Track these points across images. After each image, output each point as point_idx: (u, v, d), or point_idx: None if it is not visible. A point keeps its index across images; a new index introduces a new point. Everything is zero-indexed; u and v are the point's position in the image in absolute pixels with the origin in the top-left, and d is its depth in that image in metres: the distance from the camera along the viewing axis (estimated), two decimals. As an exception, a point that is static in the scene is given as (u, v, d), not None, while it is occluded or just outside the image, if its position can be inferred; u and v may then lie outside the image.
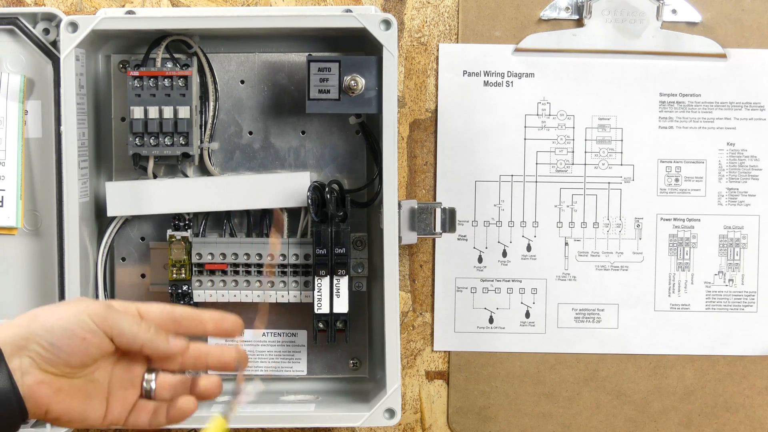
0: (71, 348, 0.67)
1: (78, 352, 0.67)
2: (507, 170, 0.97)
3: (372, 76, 0.88)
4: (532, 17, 0.96)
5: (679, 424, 0.98)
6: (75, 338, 0.67)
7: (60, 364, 0.67)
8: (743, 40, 0.96)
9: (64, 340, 0.66)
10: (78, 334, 0.67)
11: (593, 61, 0.96)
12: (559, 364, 0.98)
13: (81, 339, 0.67)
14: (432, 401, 0.99)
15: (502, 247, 0.98)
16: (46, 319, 0.67)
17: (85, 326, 0.67)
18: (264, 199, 0.93)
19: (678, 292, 0.98)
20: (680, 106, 0.97)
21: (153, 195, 0.92)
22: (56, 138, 0.92)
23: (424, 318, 0.98)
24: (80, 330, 0.67)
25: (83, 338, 0.67)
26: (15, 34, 0.92)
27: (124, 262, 0.96)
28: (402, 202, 0.91)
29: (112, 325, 0.68)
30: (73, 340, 0.67)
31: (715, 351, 0.98)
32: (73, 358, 0.67)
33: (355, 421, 0.89)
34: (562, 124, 0.97)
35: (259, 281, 0.93)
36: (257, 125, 0.95)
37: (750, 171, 0.97)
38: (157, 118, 0.90)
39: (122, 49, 0.94)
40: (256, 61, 0.95)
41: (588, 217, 0.98)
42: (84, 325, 0.67)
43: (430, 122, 0.97)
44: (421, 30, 0.96)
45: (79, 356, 0.67)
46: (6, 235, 0.94)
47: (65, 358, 0.67)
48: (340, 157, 0.95)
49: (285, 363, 0.96)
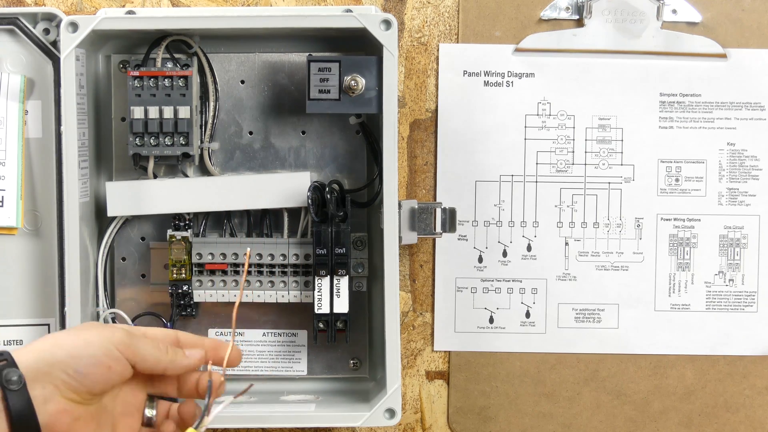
0: (97, 376, 0.67)
1: (102, 381, 0.67)
2: (507, 170, 0.97)
3: (372, 76, 0.88)
4: (532, 17, 0.96)
5: (679, 424, 0.98)
6: (101, 366, 0.67)
7: (84, 392, 0.67)
8: (743, 40, 0.96)
9: (91, 368, 0.66)
10: (104, 362, 0.67)
11: (593, 61, 0.96)
12: (559, 364, 0.98)
13: (107, 367, 0.67)
14: (432, 401, 0.99)
15: (503, 247, 0.98)
16: (73, 346, 0.66)
17: (111, 354, 0.67)
18: (264, 199, 0.93)
19: (678, 292, 0.98)
20: (680, 106, 0.97)
21: (153, 195, 0.92)
22: (56, 138, 0.92)
23: (424, 318, 0.98)
24: (106, 358, 0.67)
25: (109, 366, 0.67)
26: (15, 34, 0.92)
27: (124, 262, 0.96)
28: (402, 202, 0.91)
29: (135, 352, 0.69)
30: (100, 368, 0.67)
31: (715, 351, 0.98)
32: (97, 387, 0.67)
33: (355, 421, 0.89)
34: (562, 124, 0.97)
35: (260, 281, 0.93)
36: (257, 125, 0.95)
37: (750, 171, 0.97)
38: (157, 118, 0.90)
39: (122, 49, 0.94)
40: (256, 61, 0.95)
41: (588, 217, 0.98)
42: (110, 353, 0.67)
43: (430, 122, 0.97)
44: (422, 30, 0.96)
45: (102, 384, 0.68)
46: (6, 235, 0.94)
47: (90, 386, 0.67)
48: (340, 157, 0.95)
49: (285, 363, 0.96)
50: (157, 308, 0.95)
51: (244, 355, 0.96)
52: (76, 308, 0.88)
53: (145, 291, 0.96)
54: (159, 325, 0.95)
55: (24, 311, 0.94)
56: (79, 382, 0.66)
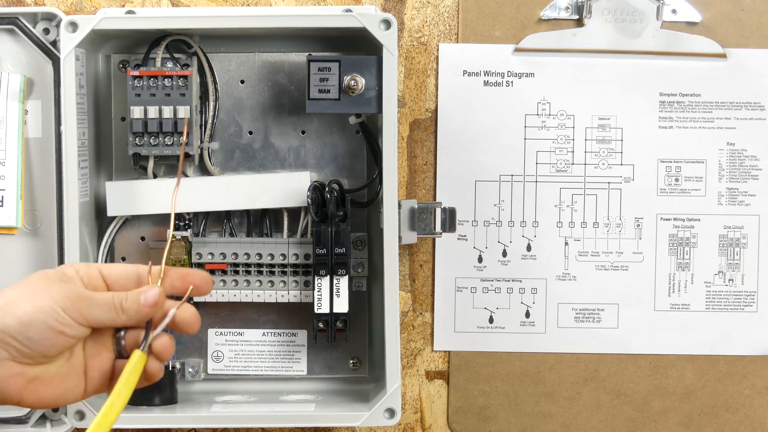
0: (50, 341, 0.65)
1: (57, 345, 0.66)
2: (507, 170, 0.97)
3: (372, 76, 0.88)
4: (532, 17, 0.96)
5: (679, 424, 0.98)
6: (53, 332, 0.65)
7: (37, 356, 0.65)
8: (743, 40, 0.96)
9: (43, 334, 0.65)
10: (56, 328, 0.65)
11: (593, 61, 0.96)
12: (559, 364, 0.98)
13: (59, 333, 0.65)
14: (432, 401, 0.99)
15: (502, 247, 0.98)
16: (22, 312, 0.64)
17: (62, 320, 0.65)
18: (264, 199, 0.93)
19: (678, 292, 0.98)
20: (680, 106, 0.97)
21: (153, 195, 0.92)
22: (56, 138, 0.92)
23: (424, 318, 0.98)
24: (58, 324, 0.65)
25: (61, 332, 0.65)
26: (15, 34, 0.92)
27: (124, 262, 0.96)
28: (402, 202, 0.91)
29: (88, 317, 0.66)
30: (52, 334, 0.65)
31: (715, 351, 0.98)
32: (53, 350, 0.66)
33: (355, 421, 0.89)
34: (562, 124, 0.97)
35: (259, 281, 0.93)
36: (257, 125, 0.95)
37: (750, 171, 0.97)
38: (156, 118, 0.90)
39: (122, 49, 0.94)
40: (256, 61, 0.95)
41: (588, 217, 0.98)
42: (62, 320, 0.65)
43: (430, 122, 0.97)
44: (421, 30, 0.96)
45: (59, 347, 0.66)
46: (6, 235, 0.94)
47: (43, 350, 0.65)
48: (340, 157, 0.95)
49: (285, 363, 0.96)
50: (157, 308, 0.95)
51: (244, 354, 0.96)
52: (76, 308, 0.88)
53: (144, 291, 0.96)
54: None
55: (24, 311, 0.94)
56: (32, 349, 0.65)
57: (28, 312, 0.65)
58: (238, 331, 0.96)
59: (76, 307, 0.66)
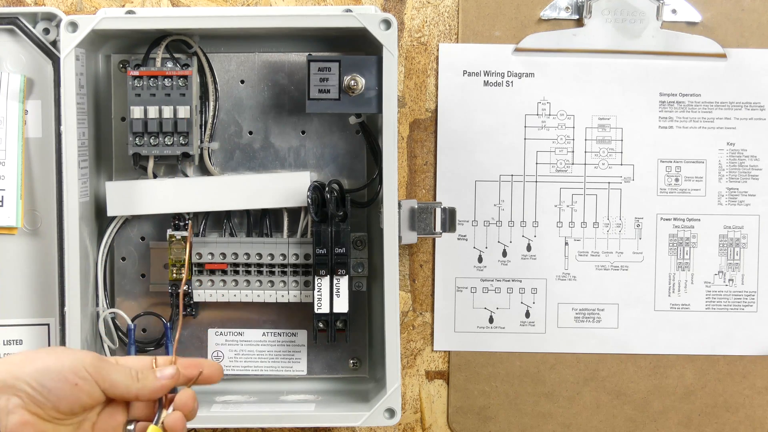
0: (62, 392, 0.67)
1: (68, 398, 0.67)
2: (507, 170, 0.97)
3: (372, 75, 0.88)
4: (532, 17, 0.96)
5: (679, 424, 0.98)
6: (67, 383, 0.67)
7: (48, 407, 0.67)
8: (743, 40, 0.96)
9: (56, 383, 0.67)
10: (70, 379, 0.67)
11: (593, 61, 0.96)
12: (559, 364, 0.98)
13: (72, 384, 0.67)
14: (432, 401, 0.99)
15: (502, 247, 0.98)
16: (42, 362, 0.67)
17: (78, 373, 0.67)
18: (264, 199, 0.93)
19: (678, 292, 0.98)
20: (680, 106, 0.97)
21: (153, 195, 0.92)
22: (56, 138, 0.92)
23: (424, 318, 0.98)
24: (73, 376, 0.67)
25: (75, 384, 0.67)
26: (15, 34, 0.92)
27: (124, 261, 0.96)
28: (402, 202, 0.91)
29: (105, 377, 0.69)
30: (65, 384, 0.67)
31: (715, 351, 0.98)
32: (63, 403, 0.67)
33: (355, 421, 0.89)
34: (562, 124, 0.97)
35: (259, 281, 0.93)
36: (257, 125, 0.95)
37: (750, 171, 0.97)
38: (156, 118, 0.90)
39: (122, 48, 0.94)
40: (256, 61, 0.95)
41: (588, 217, 0.98)
42: (77, 372, 0.67)
43: (430, 122, 0.97)
44: (421, 30, 0.96)
45: (69, 402, 0.67)
46: (6, 235, 0.94)
47: (54, 401, 0.67)
48: (340, 157, 0.95)
49: (285, 363, 0.96)
50: (157, 308, 0.95)
51: (244, 354, 0.96)
52: (76, 308, 0.88)
53: (144, 291, 0.96)
54: (159, 325, 0.95)
55: (24, 311, 0.94)
56: (44, 397, 0.66)
57: (49, 363, 0.67)
58: (238, 331, 0.96)
59: (96, 366, 0.69)
